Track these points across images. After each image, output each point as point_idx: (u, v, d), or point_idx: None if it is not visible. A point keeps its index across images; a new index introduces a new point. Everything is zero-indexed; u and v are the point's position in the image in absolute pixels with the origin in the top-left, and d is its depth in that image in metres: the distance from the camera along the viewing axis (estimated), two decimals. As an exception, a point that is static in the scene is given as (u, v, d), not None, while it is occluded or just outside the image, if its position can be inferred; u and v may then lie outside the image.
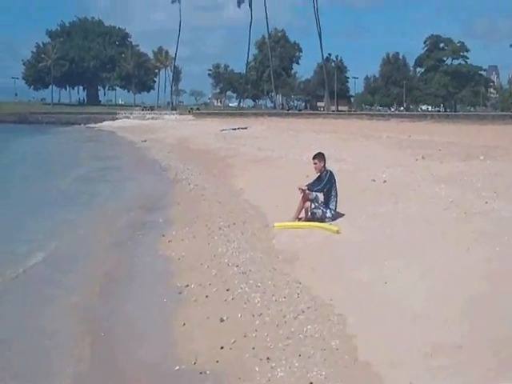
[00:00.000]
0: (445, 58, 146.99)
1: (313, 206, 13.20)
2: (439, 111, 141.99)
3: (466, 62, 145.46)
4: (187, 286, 9.93)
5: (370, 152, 25.79)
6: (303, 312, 8.14)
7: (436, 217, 12.41)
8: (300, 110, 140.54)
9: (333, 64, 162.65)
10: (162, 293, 9.82)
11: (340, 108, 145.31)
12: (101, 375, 7.21)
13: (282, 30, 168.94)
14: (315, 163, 13.70)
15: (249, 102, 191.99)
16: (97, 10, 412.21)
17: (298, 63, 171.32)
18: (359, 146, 29.14)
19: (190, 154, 35.86)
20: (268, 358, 6.96)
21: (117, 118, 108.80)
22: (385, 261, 9.78)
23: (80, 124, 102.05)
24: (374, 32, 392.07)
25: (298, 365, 6.74)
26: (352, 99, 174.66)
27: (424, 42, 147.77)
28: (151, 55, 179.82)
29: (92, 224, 16.41)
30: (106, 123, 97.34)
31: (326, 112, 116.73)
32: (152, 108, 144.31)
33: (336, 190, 13.42)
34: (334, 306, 8.23)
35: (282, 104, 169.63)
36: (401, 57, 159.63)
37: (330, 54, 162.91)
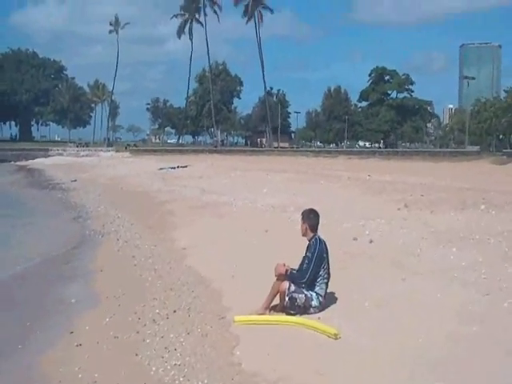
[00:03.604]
0: (390, 91, 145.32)
1: (292, 288, 8.92)
2: (379, 147, 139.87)
3: (411, 95, 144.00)
4: None
5: (337, 197, 21.78)
6: None
7: (479, 307, 8.42)
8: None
9: (275, 98, 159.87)
10: None
11: (281, 144, 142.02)
12: None
13: (223, 63, 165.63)
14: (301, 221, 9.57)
15: (188, 138, 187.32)
16: (31, 41, 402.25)
17: (239, 97, 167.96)
18: (321, 190, 25.06)
19: (124, 197, 31.28)
20: None
21: (49, 155, 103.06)
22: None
23: (10, 161, 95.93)
24: (317, 66, 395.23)
25: None
26: (293, 135, 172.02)
27: (369, 75, 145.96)
28: (87, 89, 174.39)
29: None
30: (37, 160, 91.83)
31: (269, 149, 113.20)
32: (87, 144, 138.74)
33: (328, 267, 9.21)
34: None
35: (223, 140, 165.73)
36: (343, 90, 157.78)
37: (271, 88, 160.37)
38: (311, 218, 9.37)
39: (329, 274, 9.15)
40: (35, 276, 13.97)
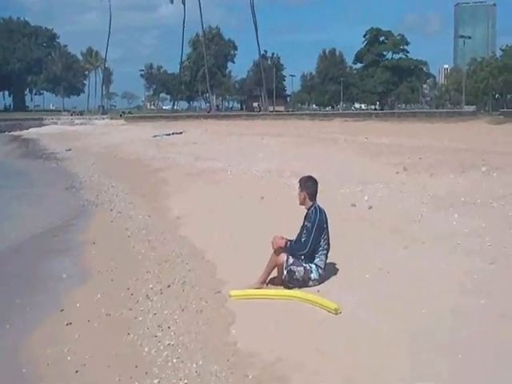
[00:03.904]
0: (385, 52, 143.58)
1: (290, 260, 8.54)
2: (375, 109, 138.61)
3: (407, 55, 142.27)
4: None
5: (334, 161, 21.36)
6: None
7: (485, 277, 8.09)
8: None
9: (269, 62, 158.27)
10: None
11: (276, 108, 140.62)
12: None
13: (217, 27, 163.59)
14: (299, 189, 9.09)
15: (183, 104, 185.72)
16: (22, 10, 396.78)
17: (233, 61, 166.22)
18: (317, 153, 24.60)
19: (118, 165, 30.84)
20: None
21: (44, 124, 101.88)
22: None
23: (4, 132, 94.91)
24: (311, 28, 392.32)
25: None
26: (288, 98, 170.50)
27: (364, 36, 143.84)
28: (80, 57, 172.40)
29: None
30: (32, 130, 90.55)
31: (264, 113, 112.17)
32: (81, 113, 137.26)
33: (327, 237, 8.82)
34: None
35: (218, 105, 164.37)
36: (338, 52, 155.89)
37: (266, 51, 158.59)
38: (309, 186, 8.92)
39: (329, 244, 8.74)
40: (25, 250, 13.60)
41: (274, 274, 8.75)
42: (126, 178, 24.68)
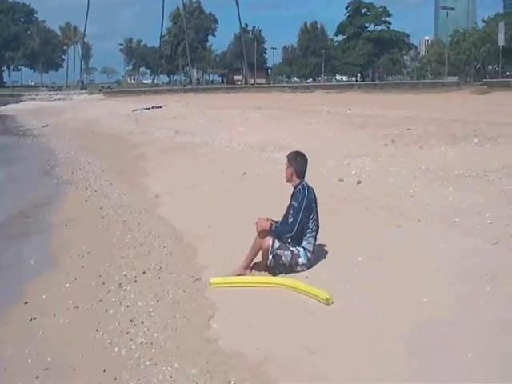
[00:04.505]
0: (367, 24, 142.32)
1: (276, 244, 7.76)
2: (357, 81, 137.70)
3: (389, 27, 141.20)
4: None
5: (318, 134, 20.61)
6: None
7: (489, 259, 7.38)
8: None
9: (250, 35, 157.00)
10: None
11: (258, 81, 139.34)
12: None
13: (197, 1, 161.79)
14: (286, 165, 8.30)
15: (163, 78, 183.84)
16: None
17: (213, 35, 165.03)
18: (300, 125, 23.85)
19: (96, 141, 29.85)
20: None
21: (21, 101, 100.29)
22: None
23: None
24: (293, 2, 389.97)
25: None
26: (269, 71, 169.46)
27: (346, 8, 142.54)
28: (59, 32, 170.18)
29: None
30: (9, 106, 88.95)
31: (245, 86, 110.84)
32: (60, 88, 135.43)
33: (317, 218, 8.05)
34: None
35: (198, 79, 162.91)
36: (319, 25, 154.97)
37: (246, 25, 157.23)
38: (298, 162, 8.14)
39: (317, 226, 7.97)
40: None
41: (259, 258, 7.99)
42: (103, 155, 23.81)
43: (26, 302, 8.08)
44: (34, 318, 7.42)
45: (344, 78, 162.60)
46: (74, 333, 6.91)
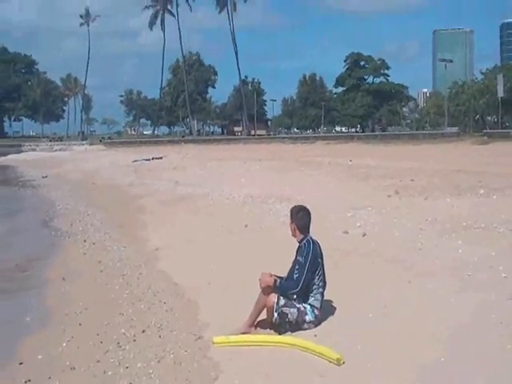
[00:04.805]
0: (366, 77, 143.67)
1: (282, 301, 7.44)
2: (356, 132, 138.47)
3: (387, 79, 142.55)
4: None
5: (320, 185, 20.33)
6: None
7: (506, 316, 7.03)
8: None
9: (250, 87, 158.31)
10: None
11: (258, 132, 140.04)
12: None
13: (197, 53, 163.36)
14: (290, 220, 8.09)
15: (164, 129, 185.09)
16: (0, 37, 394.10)
17: (213, 87, 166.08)
18: (302, 177, 23.64)
19: (95, 192, 29.64)
20: None
21: (22, 151, 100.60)
22: None
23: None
24: (292, 55, 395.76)
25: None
26: (269, 123, 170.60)
27: (344, 61, 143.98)
28: (60, 83, 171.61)
29: None
30: (10, 157, 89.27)
31: (245, 137, 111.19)
32: (61, 138, 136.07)
33: (323, 273, 7.73)
34: None
35: (199, 130, 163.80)
36: (318, 78, 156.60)
37: (246, 77, 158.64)
38: (300, 217, 7.88)
39: (324, 282, 7.66)
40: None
41: (263, 315, 7.65)
42: (102, 206, 23.54)
43: (21, 363, 7.72)
44: (29, 381, 7.05)
45: (343, 129, 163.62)
46: (70, 397, 6.54)
